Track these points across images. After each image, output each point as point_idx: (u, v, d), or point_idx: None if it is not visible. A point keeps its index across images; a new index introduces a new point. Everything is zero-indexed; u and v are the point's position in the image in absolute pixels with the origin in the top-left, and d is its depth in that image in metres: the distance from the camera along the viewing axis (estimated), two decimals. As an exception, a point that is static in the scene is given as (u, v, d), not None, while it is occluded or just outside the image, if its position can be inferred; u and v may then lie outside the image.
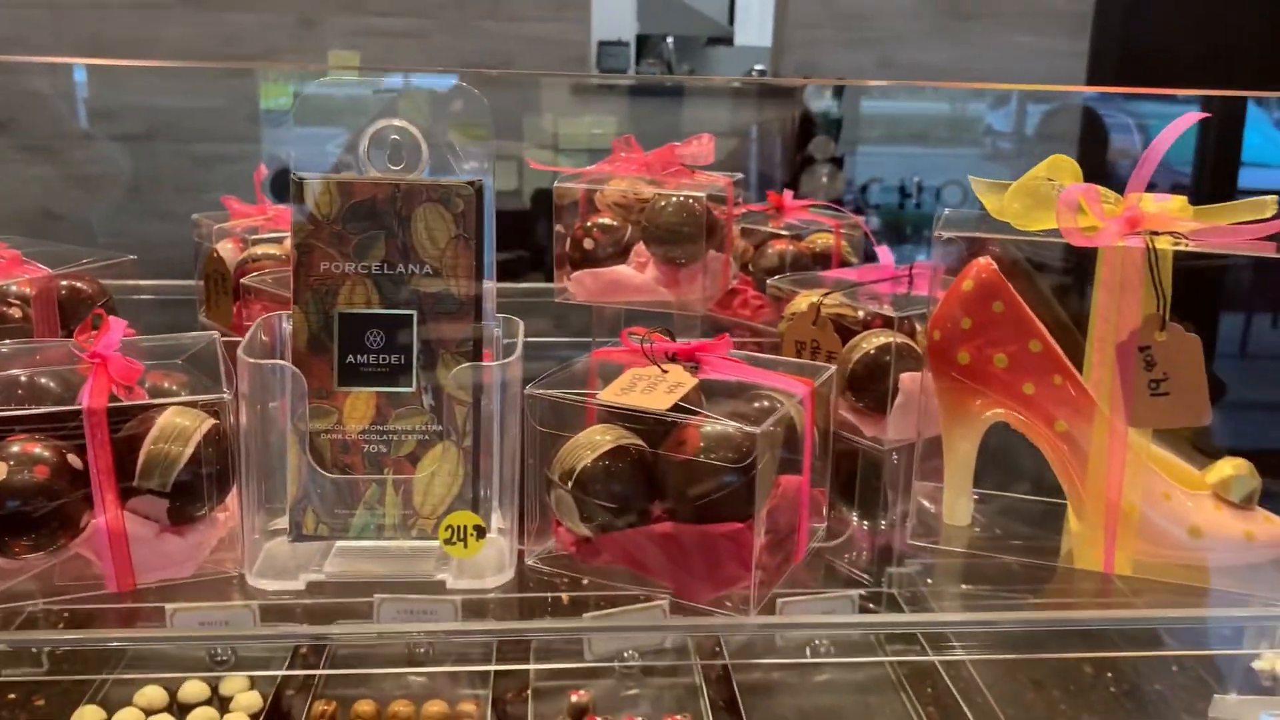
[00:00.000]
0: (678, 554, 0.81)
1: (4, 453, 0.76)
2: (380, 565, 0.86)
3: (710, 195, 1.19)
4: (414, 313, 0.85)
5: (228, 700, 1.27)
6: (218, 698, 1.28)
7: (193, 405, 0.81)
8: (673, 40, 4.79)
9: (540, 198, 1.54)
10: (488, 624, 0.83)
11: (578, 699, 1.28)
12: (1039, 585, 0.93)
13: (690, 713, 1.27)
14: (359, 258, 0.85)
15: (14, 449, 0.76)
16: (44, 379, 0.83)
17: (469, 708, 1.27)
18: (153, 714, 1.24)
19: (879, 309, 1.09)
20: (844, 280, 1.18)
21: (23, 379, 0.83)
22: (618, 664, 1.33)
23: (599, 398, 0.83)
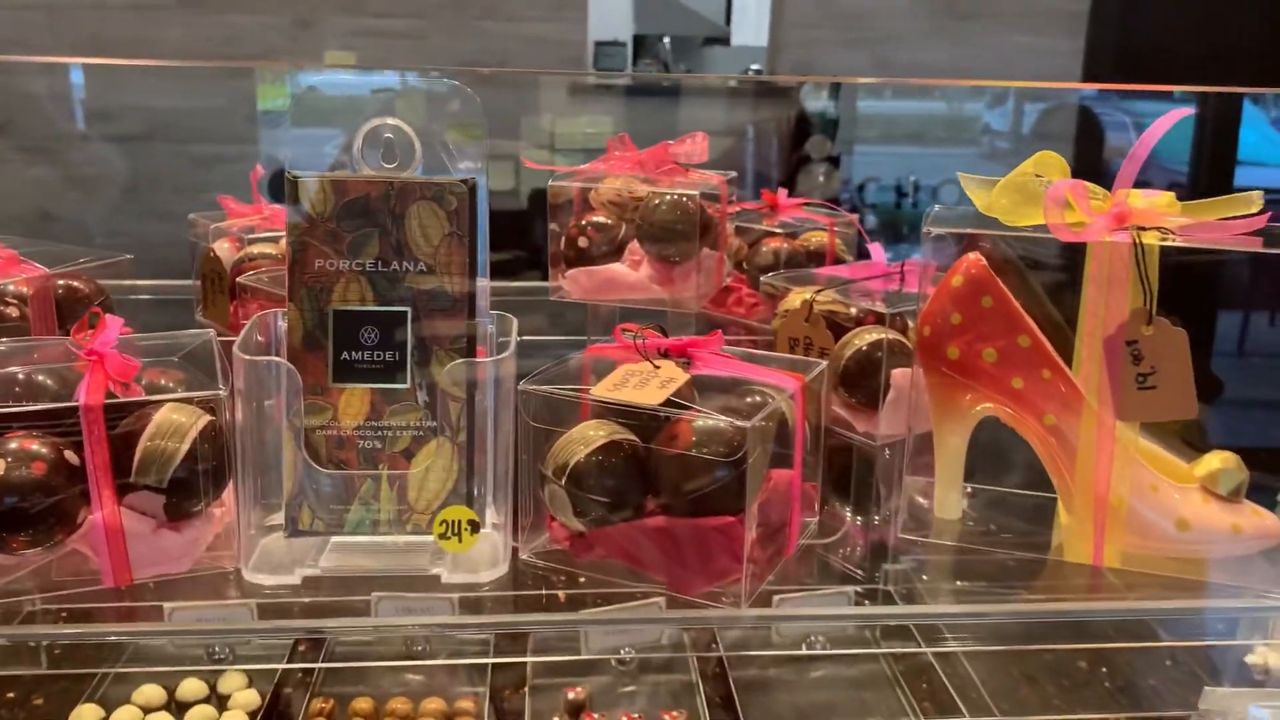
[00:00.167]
0: (670, 548, 0.81)
1: (2, 449, 0.77)
2: (375, 560, 0.86)
3: (704, 193, 1.20)
4: (408, 309, 0.86)
5: (225, 698, 1.28)
6: (216, 696, 1.29)
7: (189, 402, 0.82)
8: (669, 40, 4.80)
9: (537, 197, 1.55)
10: (483, 617, 0.84)
11: (574, 696, 1.29)
12: (1030, 578, 0.94)
13: (686, 709, 1.28)
14: (353, 255, 0.85)
15: (12, 445, 0.77)
16: (41, 376, 0.84)
17: (467, 705, 1.27)
18: (151, 712, 1.25)
19: (871, 306, 1.10)
20: (837, 277, 1.18)
21: (20, 376, 0.84)
22: (614, 661, 1.34)
23: (592, 393, 0.84)
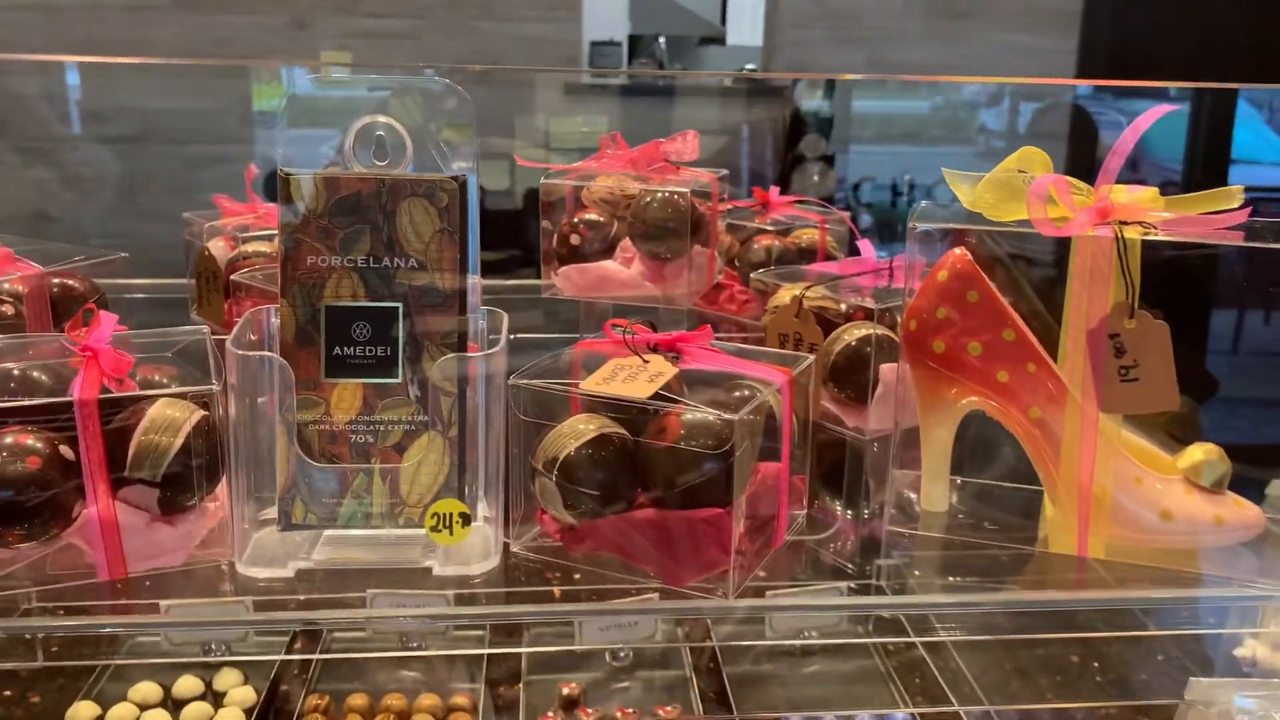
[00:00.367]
0: (660, 539, 0.82)
1: (-3, 444, 0.78)
2: (368, 553, 0.87)
3: (695, 191, 1.21)
4: (399, 305, 0.87)
5: (221, 695, 1.29)
6: (211, 693, 1.29)
7: (182, 397, 0.83)
8: (665, 40, 4.81)
9: (532, 196, 1.56)
10: (476, 609, 0.84)
11: (569, 691, 1.29)
12: (1018, 570, 0.95)
13: (680, 704, 1.28)
14: (345, 251, 0.86)
15: (7, 440, 0.78)
16: (36, 372, 0.85)
17: (461, 700, 1.28)
18: (147, 709, 1.26)
19: (860, 301, 1.11)
20: (826, 274, 1.19)
21: (15, 372, 0.84)
22: (608, 656, 1.35)
23: (582, 387, 0.85)
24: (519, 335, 0.94)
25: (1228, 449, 0.90)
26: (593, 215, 1.26)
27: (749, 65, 4.04)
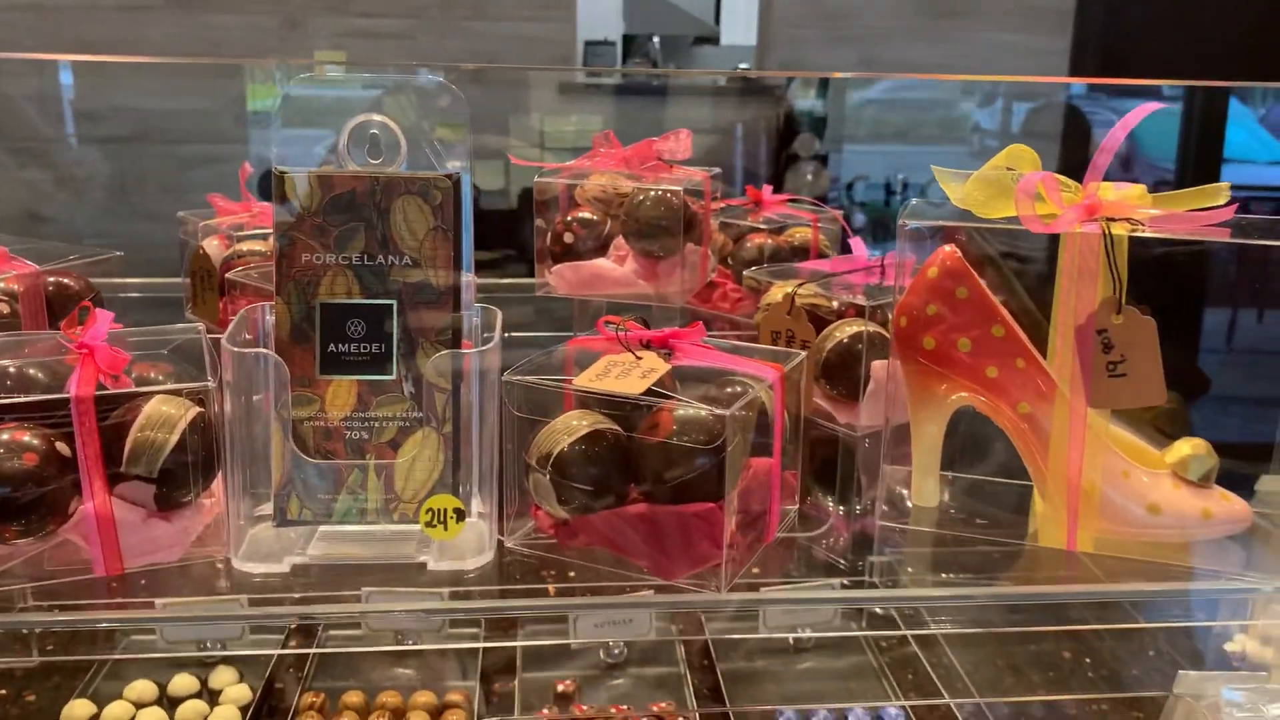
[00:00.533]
0: (652, 534, 0.83)
1: (-6, 441, 0.78)
2: (363, 548, 0.88)
3: (688, 190, 1.21)
4: (394, 302, 0.87)
5: (217, 693, 1.29)
6: (207, 691, 1.30)
7: (178, 394, 0.83)
8: (659, 40, 4.81)
9: (526, 196, 1.56)
10: (471, 603, 0.85)
11: (564, 688, 1.30)
12: (1009, 564, 0.95)
13: (674, 700, 1.29)
14: (339, 249, 0.87)
15: (3, 437, 0.78)
16: (32, 369, 0.85)
17: (456, 698, 1.29)
18: (143, 707, 1.26)
19: (852, 299, 1.11)
20: (818, 271, 1.20)
21: (11, 370, 0.85)
22: (603, 654, 1.35)
23: (575, 383, 0.86)
24: (511, 333, 0.95)
25: (1218, 446, 0.90)
26: (586, 213, 1.27)
27: (743, 65, 4.05)
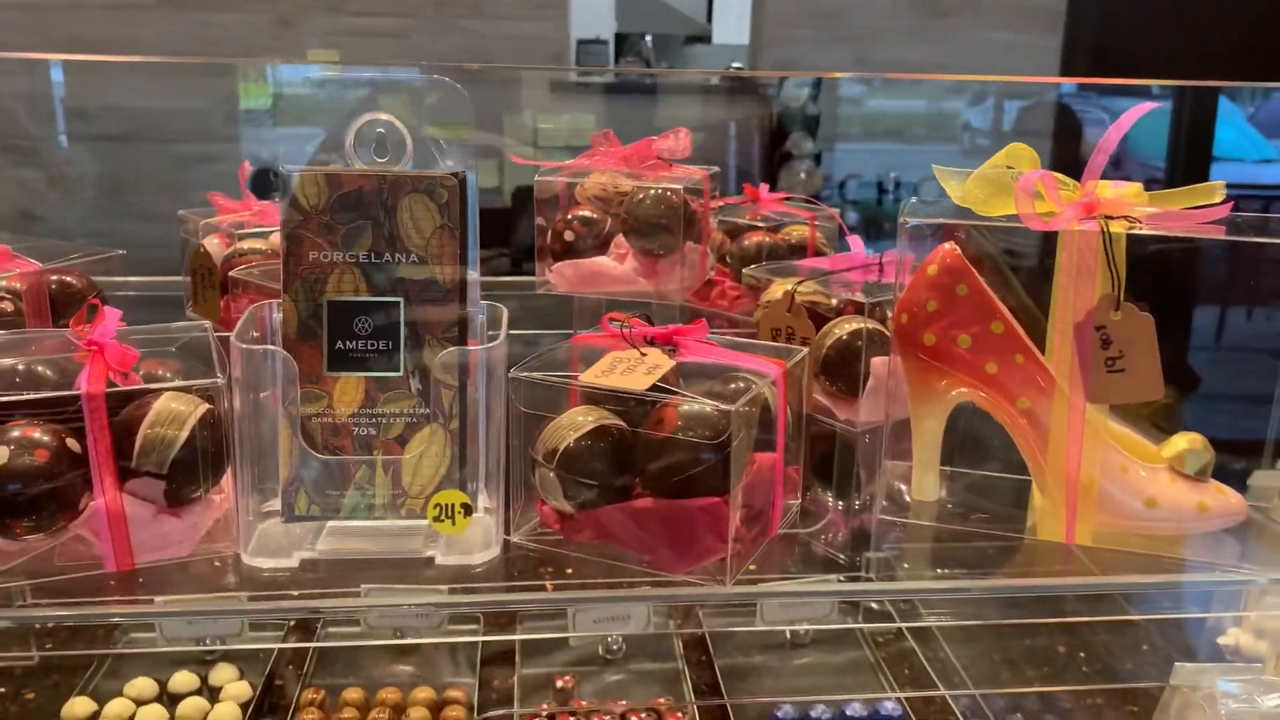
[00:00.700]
0: (657, 528, 0.84)
1: (5, 437, 0.79)
2: (371, 543, 0.88)
3: (687, 188, 1.22)
4: (401, 299, 0.88)
5: (217, 690, 1.30)
6: (207, 687, 1.30)
7: (187, 391, 0.84)
8: (651, 39, 4.82)
9: (521, 195, 1.57)
10: (471, 597, 0.86)
11: (563, 684, 1.31)
12: (1007, 557, 0.96)
13: (673, 696, 1.30)
14: (347, 247, 0.88)
15: (14, 434, 0.79)
16: (41, 367, 0.85)
17: (456, 694, 1.29)
18: (143, 704, 1.27)
19: (851, 296, 1.12)
20: (818, 269, 1.21)
21: (20, 367, 0.85)
22: (602, 650, 1.36)
23: (581, 379, 0.86)
24: (515, 332, 0.95)
25: (1212, 443, 0.92)
26: (586, 212, 1.28)
27: (735, 64, 4.06)
